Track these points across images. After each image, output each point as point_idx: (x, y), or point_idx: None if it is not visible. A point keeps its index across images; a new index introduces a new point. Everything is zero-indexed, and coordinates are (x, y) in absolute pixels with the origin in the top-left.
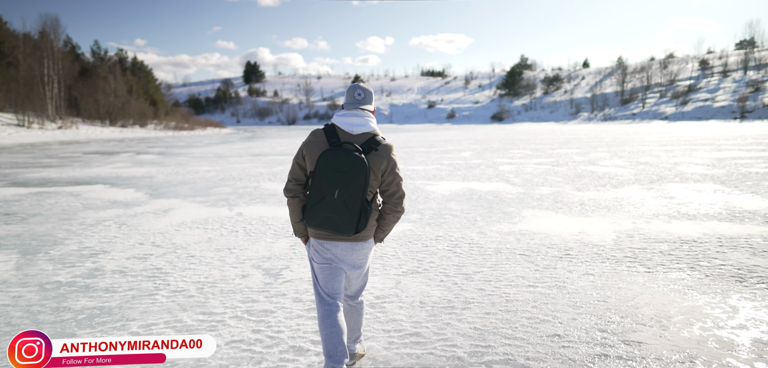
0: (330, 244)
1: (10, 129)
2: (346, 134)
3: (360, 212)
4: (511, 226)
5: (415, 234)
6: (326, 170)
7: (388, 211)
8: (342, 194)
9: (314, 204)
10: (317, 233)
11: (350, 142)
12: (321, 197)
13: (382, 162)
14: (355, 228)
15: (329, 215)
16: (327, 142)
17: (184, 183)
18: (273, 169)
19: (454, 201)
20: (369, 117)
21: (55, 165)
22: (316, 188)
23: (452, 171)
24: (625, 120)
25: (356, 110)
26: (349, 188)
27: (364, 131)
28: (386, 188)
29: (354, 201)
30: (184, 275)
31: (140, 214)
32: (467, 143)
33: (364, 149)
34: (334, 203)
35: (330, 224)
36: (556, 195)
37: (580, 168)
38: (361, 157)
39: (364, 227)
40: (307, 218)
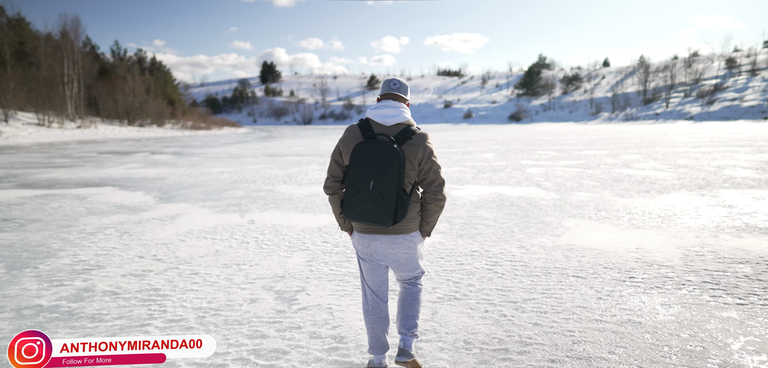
0: (370, 238)
1: (30, 128)
2: (380, 126)
3: (396, 202)
4: (555, 239)
5: (446, 248)
6: (360, 162)
7: (429, 200)
8: (377, 185)
9: (351, 197)
10: (358, 226)
11: (384, 133)
12: (357, 189)
13: (418, 151)
14: (392, 219)
15: (366, 206)
16: (361, 135)
17: (196, 186)
18: (288, 170)
19: (484, 208)
20: (403, 108)
21: (67, 165)
22: (352, 181)
23: (477, 174)
24: (648, 120)
25: (390, 101)
26: (384, 179)
27: (398, 121)
28: (424, 176)
29: (389, 191)
30: (184, 298)
31: (145, 221)
32: (487, 143)
33: (399, 139)
34: (370, 194)
35: (367, 216)
36: (596, 202)
37: (614, 171)
38: (394, 147)
39: (402, 217)
40: (345, 211)
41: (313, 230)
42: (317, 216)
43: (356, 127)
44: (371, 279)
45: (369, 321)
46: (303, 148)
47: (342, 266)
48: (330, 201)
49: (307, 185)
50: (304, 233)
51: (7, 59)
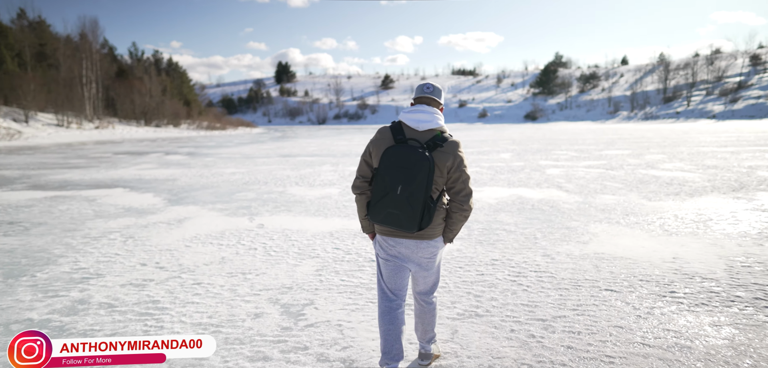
0: (395, 241)
1: (49, 129)
2: (412, 130)
3: (423, 209)
4: (582, 247)
5: (465, 256)
6: (389, 166)
7: (455, 209)
8: (405, 190)
9: (378, 200)
10: (382, 229)
11: (415, 139)
12: (384, 193)
13: (448, 159)
14: (418, 225)
15: (392, 211)
16: (393, 139)
17: (207, 187)
18: (300, 171)
19: (503, 212)
20: (436, 114)
21: (81, 166)
22: (380, 184)
23: (494, 175)
24: (669, 119)
25: (424, 106)
26: (412, 185)
27: (430, 127)
28: (452, 185)
29: (417, 198)
30: (183, 312)
31: (152, 224)
32: (504, 143)
33: (430, 145)
34: (397, 199)
35: (393, 221)
36: (623, 206)
37: (639, 172)
38: (424, 154)
39: (427, 224)
40: (371, 214)
41: (324, 235)
42: (328, 220)
43: (388, 129)
44: (392, 281)
45: (384, 323)
46: (316, 148)
47: (353, 276)
48: (356, 201)
49: (320, 186)
50: (314, 238)
51: (28, 61)
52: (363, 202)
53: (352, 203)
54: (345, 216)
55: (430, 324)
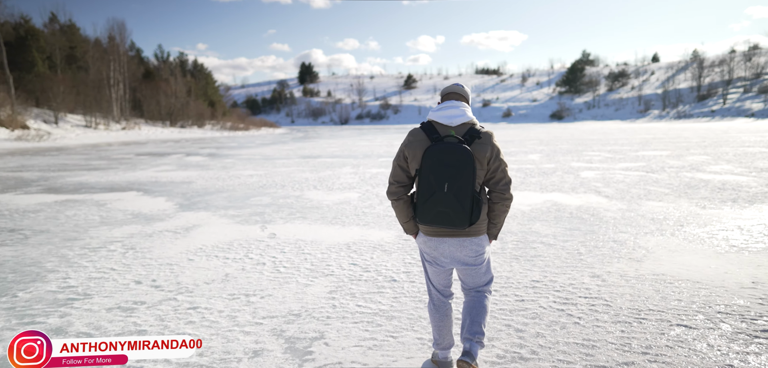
0: (438, 241)
1: (78, 130)
2: (445, 127)
3: (472, 203)
4: (637, 266)
5: (500, 276)
6: (433, 165)
7: (496, 200)
8: (451, 187)
9: (425, 201)
10: (426, 229)
11: (452, 134)
12: (431, 192)
13: (486, 150)
14: (468, 220)
15: (442, 209)
16: (428, 139)
17: (221, 191)
18: (320, 174)
19: (539, 221)
20: (466, 107)
21: (101, 168)
22: (425, 185)
23: (525, 178)
24: (703, 118)
25: (453, 101)
26: (458, 180)
27: (463, 121)
28: (492, 176)
29: (465, 193)
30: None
31: (157, 233)
32: (531, 143)
33: (467, 139)
34: (445, 197)
35: (443, 219)
36: (675, 215)
37: (683, 175)
38: (466, 147)
39: (477, 218)
40: (420, 216)
41: (340, 247)
42: (346, 229)
43: (420, 130)
44: (437, 280)
45: (435, 319)
46: (338, 149)
47: (372, 300)
48: (394, 206)
49: (339, 190)
50: (329, 251)
51: (58, 64)
52: (402, 207)
53: (371, 210)
54: (364, 225)
55: (477, 316)
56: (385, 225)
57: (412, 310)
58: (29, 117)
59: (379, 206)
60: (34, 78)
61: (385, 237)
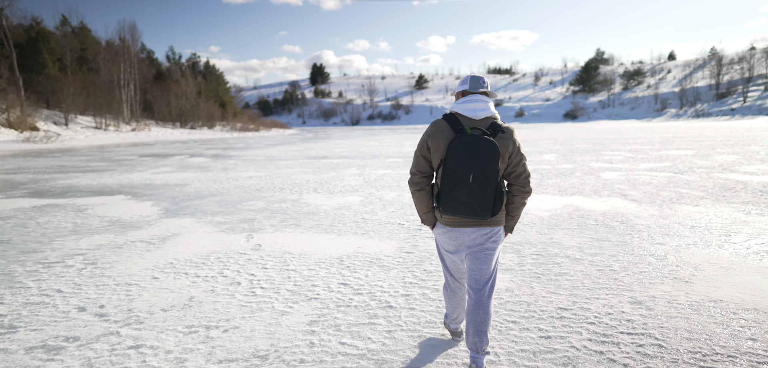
0: (458, 231)
1: (87, 132)
2: (469, 119)
3: (495, 195)
4: (687, 289)
5: (518, 301)
6: (458, 157)
7: (516, 192)
8: (476, 178)
9: (449, 190)
10: (447, 219)
11: (477, 127)
12: (455, 183)
13: (509, 144)
14: (491, 211)
15: (466, 200)
16: (452, 130)
17: (215, 194)
18: (323, 175)
19: (561, 229)
20: (490, 102)
21: (99, 169)
22: (450, 175)
23: (541, 180)
24: (723, 116)
25: (479, 95)
26: (484, 172)
27: (488, 115)
28: (513, 169)
29: (489, 184)
30: None
31: (129, 244)
32: (545, 143)
33: (491, 132)
34: (470, 187)
35: (466, 210)
36: (718, 223)
37: (716, 176)
38: (492, 140)
39: (499, 209)
40: (444, 206)
41: (331, 262)
42: (341, 239)
43: (444, 122)
44: (454, 267)
45: (450, 300)
46: (346, 150)
47: (360, 337)
48: (415, 196)
49: (340, 194)
50: (318, 267)
51: (68, 65)
52: (424, 197)
53: (372, 216)
54: (362, 234)
55: (482, 324)
56: (385, 234)
57: (409, 350)
58: (39, 119)
59: (382, 212)
60: (44, 80)
61: (384, 249)
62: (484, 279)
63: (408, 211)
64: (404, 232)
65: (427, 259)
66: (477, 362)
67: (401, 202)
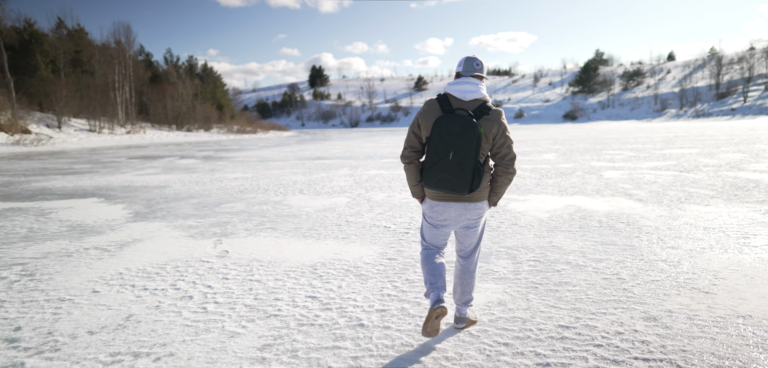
0: (443, 206)
1: (81, 134)
2: (458, 100)
3: (473, 172)
4: (709, 301)
5: (513, 317)
6: (441, 134)
7: (500, 173)
8: (456, 155)
9: (431, 166)
10: (433, 193)
11: (463, 108)
12: (437, 159)
13: (493, 126)
14: (469, 187)
15: (445, 175)
16: (440, 110)
17: (194, 197)
18: (313, 176)
19: (561, 232)
20: (481, 85)
21: (82, 172)
22: (433, 152)
23: (540, 180)
24: (723, 116)
25: (470, 78)
26: (463, 151)
27: (476, 97)
28: (498, 150)
29: (467, 162)
30: None
31: (81, 251)
32: (545, 143)
33: (476, 114)
34: (449, 164)
35: (446, 184)
36: (735, 224)
37: (724, 175)
38: (473, 121)
39: (477, 186)
40: (425, 180)
41: (302, 271)
42: (319, 244)
43: (435, 101)
44: (435, 239)
45: (426, 267)
46: (341, 151)
47: (319, 363)
48: (406, 170)
49: (326, 195)
50: (286, 277)
51: (62, 67)
52: (413, 170)
53: (357, 218)
54: (343, 238)
55: (468, 286)
56: (369, 238)
57: None
58: (31, 121)
59: (368, 214)
60: (37, 82)
61: (365, 255)
62: (471, 249)
63: (397, 213)
64: (389, 236)
65: (411, 267)
66: (461, 311)
67: (390, 204)
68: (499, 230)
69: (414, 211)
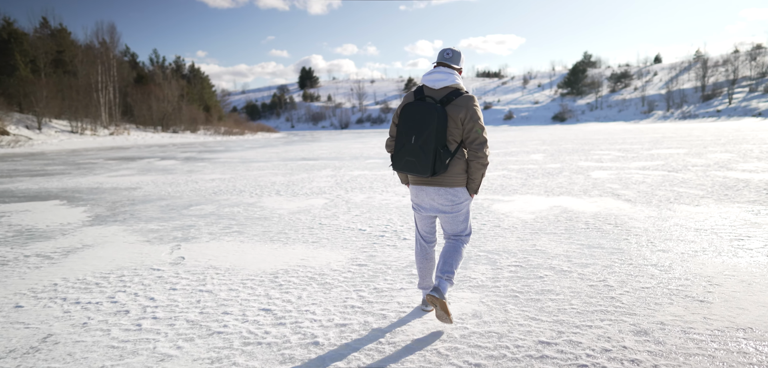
0: (418, 189)
1: (62, 136)
2: (430, 89)
3: (435, 155)
4: (705, 311)
5: (488, 332)
6: (406, 120)
7: (471, 158)
8: (418, 139)
9: (398, 151)
10: (411, 177)
11: (432, 96)
12: (402, 144)
13: (461, 111)
14: (431, 169)
15: (409, 158)
16: (414, 99)
17: (163, 198)
18: (293, 177)
19: (545, 234)
20: (452, 74)
21: (53, 173)
22: (399, 137)
23: (526, 180)
24: (709, 118)
25: (441, 68)
26: (423, 134)
27: (445, 84)
28: (467, 135)
29: (428, 145)
30: None
31: (22, 259)
32: (533, 144)
33: (444, 100)
34: (412, 148)
35: (410, 167)
36: (727, 225)
37: (714, 174)
38: (436, 106)
39: (440, 169)
40: (394, 163)
41: (260, 280)
42: (286, 249)
43: (411, 92)
44: (421, 226)
45: (418, 261)
46: (327, 151)
47: None
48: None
49: (304, 196)
50: (242, 287)
51: (42, 67)
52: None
53: (331, 221)
54: (313, 242)
55: (449, 258)
56: (340, 242)
57: None
58: (10, 123)
59: (344, 216)
60: (16, 82)
61: (333, 261)
62: (457, 232)
63: (374, 215)
64: (363, 239)
65: (381, 274)
66: (441, 286)
67: (369, 205)
68: (480, 232)
69: (392, 213)
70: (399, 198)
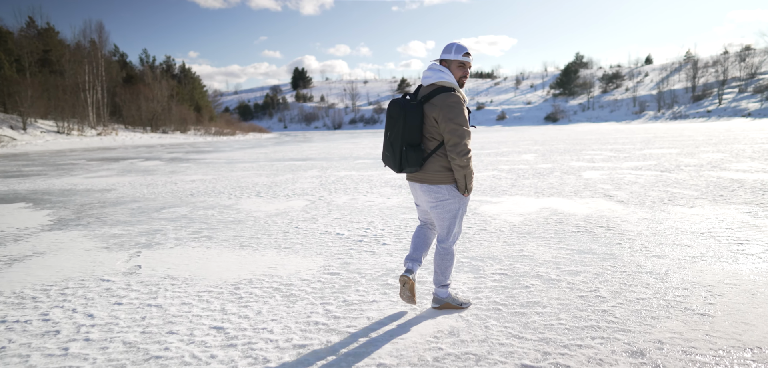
0: (410, 185)
1: (48, 136)
2: (422, 87)
3: (401, 152)
4: (708, 326)
5: (466, 352)
6: (387, 118)
7: (450, 159)
8: (390, 136)
9: (383, 145)
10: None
11: (424, 93)
12: (384, 139)
13: (434, 110)
14: (398, 166)
15: (386, 153)
16: (402, 96)
17: (136, 201)
18: (276, 178)
19: (533, 238)
20: (441, 71)
21: (29, 174)
22: (384, 133)
23: (516, 180)
24: (699, 118)
25: (434, 64)
26: (393, 131)
27: (432, 81)
28: (443, 134)
29: (396, 142)
30: None
31: None
32: (525, 144)
33: (426, 98)
34: (387, 143)
35: (387, 161)
36: (724, 228)
37: (707, 174)
38: (405, 104)
39: (407, 165)
40: (383, 158)
41: (219, 292)
42: (255, 256)
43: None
44: (419, 213)
45: (414, 236)
46: (316, 152)
47: None
48: None
49: (285, 198)
50: (197, 300)
51: (28, 67)
52: None
53: (309, 224)
54: (285, 248)
55: (439, 268)
56: (315, 248)
57: None
58: None
59: (324, 219)
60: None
61: (304, 269)
62: (444, 234)
63: (355, 218)
64: (340, 244)
65: (353, 284)
66: (439, 294)
67: (351, 207)
68: (465, 237)
69: (374, 215)
70: (383, 200)
